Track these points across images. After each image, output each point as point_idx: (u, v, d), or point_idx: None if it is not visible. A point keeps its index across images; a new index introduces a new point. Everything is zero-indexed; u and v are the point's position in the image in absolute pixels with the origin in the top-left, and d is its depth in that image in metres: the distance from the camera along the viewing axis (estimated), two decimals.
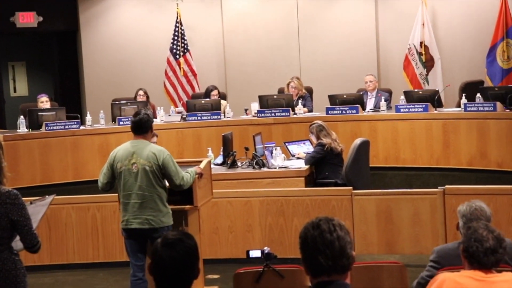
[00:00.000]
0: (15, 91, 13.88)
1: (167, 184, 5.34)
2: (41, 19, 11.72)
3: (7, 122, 11.77)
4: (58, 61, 12.66)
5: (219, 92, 10.23)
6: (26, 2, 11.68)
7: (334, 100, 9.43)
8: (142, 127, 5.36)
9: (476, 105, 8.77)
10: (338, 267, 2.32)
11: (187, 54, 11.45)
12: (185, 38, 11.44)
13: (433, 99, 9.03)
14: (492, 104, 8.54)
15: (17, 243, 3.59)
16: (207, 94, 10.24)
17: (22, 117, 9.09)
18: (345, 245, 2.33)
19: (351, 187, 6.85)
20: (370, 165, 8.13)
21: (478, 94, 8.95)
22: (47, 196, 4.12)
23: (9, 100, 12.93)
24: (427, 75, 10.95)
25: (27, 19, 11.66)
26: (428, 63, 10.97)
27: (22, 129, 8.96)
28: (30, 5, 11.66)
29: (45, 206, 4.01)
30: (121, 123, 9.17)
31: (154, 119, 8.51)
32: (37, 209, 3.84)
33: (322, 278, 2.33)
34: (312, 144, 8.03)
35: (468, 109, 8.77)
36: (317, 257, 2.30)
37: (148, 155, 5.26)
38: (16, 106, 11.47)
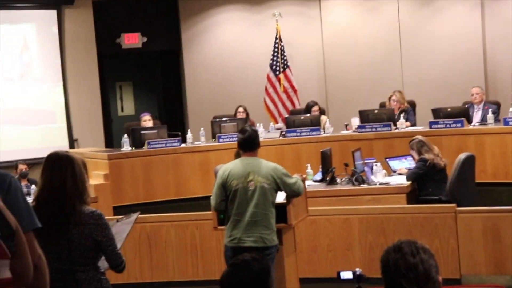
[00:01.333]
0: (122, 110, 14.30)
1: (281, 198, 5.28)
2: (145, 39, 12.03)
3: (114, 141, 12.11)
4: (162, 80, 12.95)
5: (319, 108, 10.12)
6: (131, 23, 12.02)
7: (438, 113, 9.11)
8: (252, 143, 5.32)
9: None
10: None
11: (287, 70, 11.42)
12: (285, 54, 11.42)
13: None
14: None
15: (104, 262, 3.60)
16: (307, 109, 10.15)
17: (126, 135, 9.31)
18: (430, 268, 2.19)
19: (455, 204, 6.56)
20: (477, 181, 7.78)
21: None
22: (132, 214, 4.13)
23: (117, 119, 13.33)
24: None
25: (132, 40, 12.00)
26: None
27: (126, 147, 9.17)
28: (134, 26, 12.00)
29: (130, 224, 4.02)
30: (220, 140, 9.22)
31: None
32: (122, 227, 3.86)
33: None
34: (414, 159, 7.78)
35: None
36: (400, 281, 2.16)
37: (266, 172, 5.20)
38: (123, 125, 11.81)
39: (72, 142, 11.10)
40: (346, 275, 3.92)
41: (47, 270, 2.81)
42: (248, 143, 5.32)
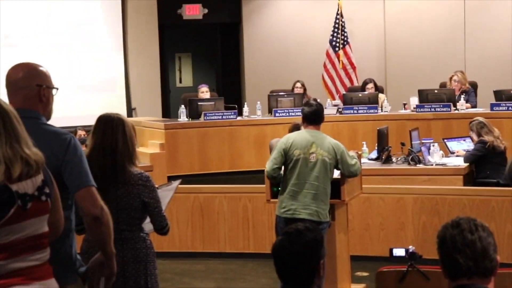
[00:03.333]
0: (180, 81, 14.40)
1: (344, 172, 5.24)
2: (206, 11, 12.05)
3: (171, 112, 12.22)
4: (221, 53, 12.97)
5: (375, 85, 9.97)
6: None
7: (500, 95, 8.89)
8: (319, 117, 5.31)
9: None
10: (479, 270, 2.14)
11: (347, 46, 11.29)
12: (345, 30, 11.28)
13: None
14: None
15: (147, 225, 3.65)
16: (363, 87, 10.04)
17: (183, 106, 9.37)
18: (488, 246, 2.14)
19: None
20: None
21: None
22: (172, 182, 4.16)
23: (175, 91, 13.43)
24: None
25: (193, 11, 12.03)
26: None
27: (183, 118, 9.23)
28: None
29: (172, 191, 4.04)
30: (277, 114, 9.20)
31: None
32: (164, 194, 3.89)
33: (462, 281, 2.15)
34: (473, 141, 7.61)
35: None
36: (456, 257, 2.12)
37: (328, 147, 5.19)
38: (180, 97, 11.90)
39: (130, 111, 11.24)
40: (399, 252, 3.88)
41: (111, 221, 2.88)
42: (314, 116, 5.29)
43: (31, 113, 2.86)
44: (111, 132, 3.54)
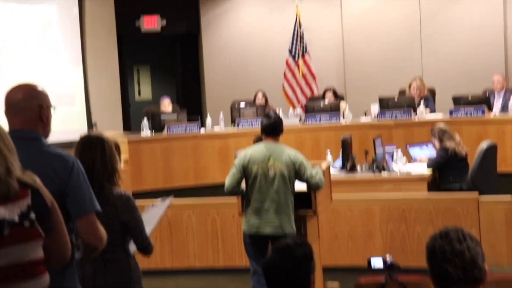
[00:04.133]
0: (139, 94, 14.30)
1: (305, 185, 5.25)
2: (164, 22, 12.01)
3: (132, 125, 12.13)
4: (180, 64, 12.94)
5: (335, 94, 10.07)
6: (150, 5, 12.00)
7: (459, 101, 9.07)
8: (276, 129, 5.32)
9: None
10: (468, 279, 2.19)
11: (306, 55, 11.37)
12: (304, 39, 11.36)
13: None
14: None
15: (132, 245, 3.63)
16: (323, 95, 10.14)
17: (145, 119, 9.32)
18: (476, 255, 2.19)
19: (477, 192, 6.54)
20: (497, 170, 7.74)
21: None
22: (165, 198, 4.17)
23: (134, 104, 13.34)
24: None
25: (151, 23, 11.98)
26: None
27: (146, 131, 9.19)
28: (154, 8, 11.97)
29: (164, 207, 4.04)
30: (240, 125, 9.22)
31: None
32: (155, 211, 3.89)
33: None
34: (435, 147, 7.74)
35: None
36: (445, 267, 2.17)
37: (286, 159, 5.18)
38: (140, 110, 11.81)
39: (90, 125, 11.12)
40: (377, 262, 3.91)
41: None
42: (272, 128, 5.31)
43: (33, 134, 2.85)
44: (88, 153, 3.51)
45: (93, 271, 3.47)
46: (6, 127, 2.60)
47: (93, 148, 3.52)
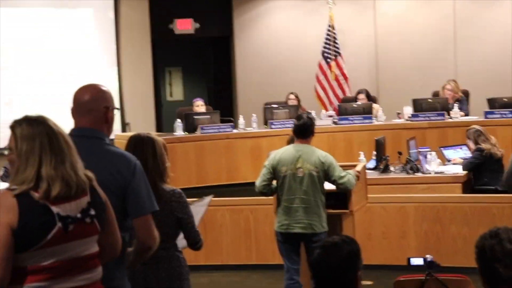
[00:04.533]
0: (171, 95, 14.41)
1: (334, 187, 5.29)
2: (198, 25, 12.11)
3: (164, 126, 12.23)
4: (212, 67, 13.02)
5: (368, 96, 10.04)
6: (184, 9, 12.11)
7: (494, 103, 9.01)
8: (306, 131, 5.36)
9: None
10: None
11: (339, 57, 11.38)
12: (337, 41, 11.37)
13: None
14: None
15: (180, 241, 3.67)
16: (356, 97, 10.14)
17: (179, 120, 9.38)
18: None
19: None
20: None
21: None
22: (204, 197, 4.20)
23: (166, 104, 13.45)
24: None
25: (184, 25, 12.08)
26: None
27: (179, 132, 9.25)
28: (188, 12, 12.08)
29: (204, 206, 4.09)
30: (273, 126, 9.25)
31: None
32: (196, 210, 3.92)
33: None
34: (469, 149, 7.70)
35: None
36: (495, 266, 2.17)
37: (315, 160, 5.23)
38: (171, 110, 11.90)
39: (124, 126, 11.25)
40: (417, 261, 3.93)
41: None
42: (302, 130, 5.35)
43: (97, 133, 2.92)
44: (141, 152, 3.56)
45: (143, 268, 3.50)
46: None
47: (145, 147, 3.60)
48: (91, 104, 2.93)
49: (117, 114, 10.65)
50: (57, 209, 2.33)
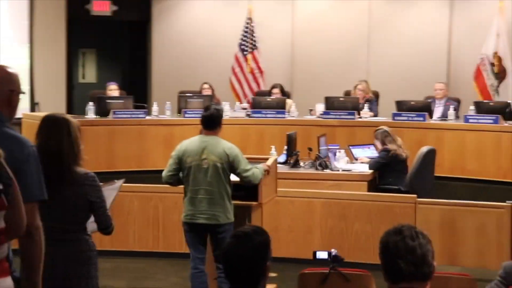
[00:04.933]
0: (83, 77, 14.12)
1: (238, 179, 5.34)
2: (115, 8, 11.92)
3: (75, 108, 12.00)
4: (128, 51, 12.85)
5: (282, 91, 10.17)
6: None
7: (401, 106, 9.31)
8: (213, 122, 5.38)
9: None
10: (419, 274, 2.29)
11: (255, 51, 11.47)
12: (255, 35, 11.45)
13: (504, 111, 8.84)
14: None
15: (90, 225, 3.64)
16: (270, 91, 10.26)
17: (91, 103, 9.24)
18: (427, 252, 2.30)
19: (415, 195, 6.75)
20: (434, 174, 8.00)
21: None
22: (115, 181, 4.17)
23: (77, 86, 13.18)
24: (498, 86, 10.71)
25: (101, 7, 11.87)
26: (500, 75, 10.72)
27: (90, 115, 9.11)
28: None
29: (115, 190, 4.06)
30: (186, 115, 9.25)
31: None
32: (107, 193, 3.89)
33: (402, 285, 2.30)
34: (376, 149, 7.94)
35: None
36: (398, 262, 2.27)
37: (220, 152, 5.26)
38: (83, 92, 11.69)
39: (33, 106, 10.96)
40: (322, 254, 4.04)
41: (43, 241, 2.84)
42: (209, 121, 5.39)
43: None
44: (56, 134, 3.51)
45: (52, 250, 3.42)
46: None
47: (60, 128, 3.53)
48: None
49: (26, 93, 10.30)
50: None
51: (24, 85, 11.05)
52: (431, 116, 9.22)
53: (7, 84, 2.92)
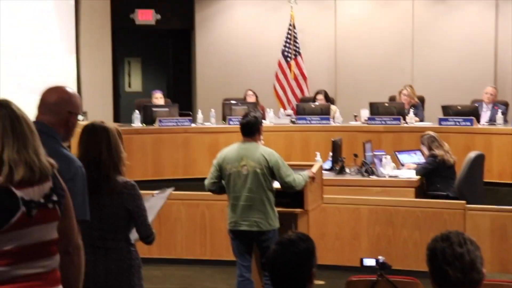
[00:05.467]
0: (129, 86, 14.32)
1: (279, 186, 5.35)
2: (159, 17, 12.05)
3: (121, 116, 12.16)
4: (172, 59, 12.98)
5: (326, 97, 10.14)
6: (146, 0, 12.05)
7: (448, 110, 9.19)
8: (251, 129, 5.39)
9: None
10: (467, 281, 2.26)
11: (299, 57, 11.46)
12: (298, 41, 11.45)
13: None
14: None
15: (133, 234, 3.66)
16: (314, 98, 10.24)
17: (137, 111, 9.35)
18: (476, 259, 2.27)
19: (464, 201, 6.66)
20: (483, 180, 7.87)
21: None
22: (166, 189, 4.20)
23: (124, 95, 13.36)
24: None
25: (145, 16, 12.02)
26: None
27: (137, 123, 9.22)
28: (149, 3, 12.02)
29: (164, 199, 4.09)
30: (231, 122, 9.29)
31: (263, 121, 8.55)
32: (155, 201, 3.93)
33: None
34: (423, 155, 7.86)
35: None
36: (446, 269, 2.25)
37: (259, 158, 5.27)
38: (129, 101, 11.85)
39: (81, 114, 11.12)
40: (369, 262, 4.01)
41: (82, 262, 2.78)
42: (247, 128, 5.40)
43: (53, 133, 2.95)
44: (95, 143, 3.53)
45: (93, 259, 3.46)
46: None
47: (99, 137, 3.55)
48: (55, 107, 2.99)
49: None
50: (21, 193, 2.33)
51: None
52: (478, 121, 9.08)
53: (66, 105, 3.00)
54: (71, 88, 3.11)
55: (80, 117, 3.08)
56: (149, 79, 14.13)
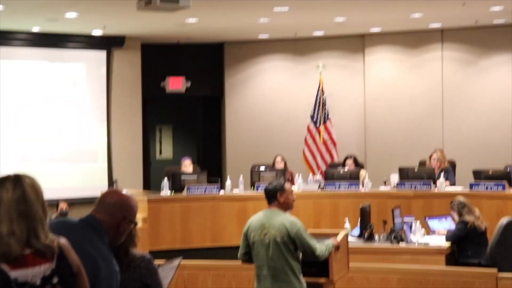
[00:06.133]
0: (160, 153, 14.45)
1: (301, 255, 5.27)
2: (189, 84, 12.22)
3: (151, 184, 12.22)
4: (202, 125, 13.10)
5: (356, 161, 10.09)
6: (176, 67, 12.25)
7: (479, 175, 9.05)
8: (269, 196, 5.35)
9: None
10: None
11: (328, 122, 11.48)
12: (326, 105, 11.49)
13: None
14: None
15: None
16: (343, 162, 10.19)
17: (166, 179, 9.39)
18: None
19: (496, 269, 6.47)
20: None
21: None
22: (173, 260, 4.15)
23: (155, 162, 13.47)
24: None
25: (176, 84, 12.19)
26: None
27: (165, 191, 9.24)
28: (180, 70, 12.22)
29: (173, 270, 4.03)
30: (259, 189, 9.26)
31: (293, 186, 8.50)
32: (164, 273, 3.87)
33: None
34: (454, 220, 7.71)
35: None
36: None
37: (279, 226, 5.20)
38: (160, 168, 11.92)
39: (111, 183, 11.23)
40: None
41: None
42: (267, 195, 5.37)
43: (100, 228, 2.97)
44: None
45: None
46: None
47: (116, 211, 3.56)
48: (111, 208, 3.02)
49: (104, 171, 10.58)
50: (16, 273, 2.28)
51: (102, 163, 11.45)
52: (511, 185, 8.91)
53: (122, 209, 3.04)
54: (130, 193, 3.14)
55: (133, 224, 3.09)
56: (180, 146, 14.26)
